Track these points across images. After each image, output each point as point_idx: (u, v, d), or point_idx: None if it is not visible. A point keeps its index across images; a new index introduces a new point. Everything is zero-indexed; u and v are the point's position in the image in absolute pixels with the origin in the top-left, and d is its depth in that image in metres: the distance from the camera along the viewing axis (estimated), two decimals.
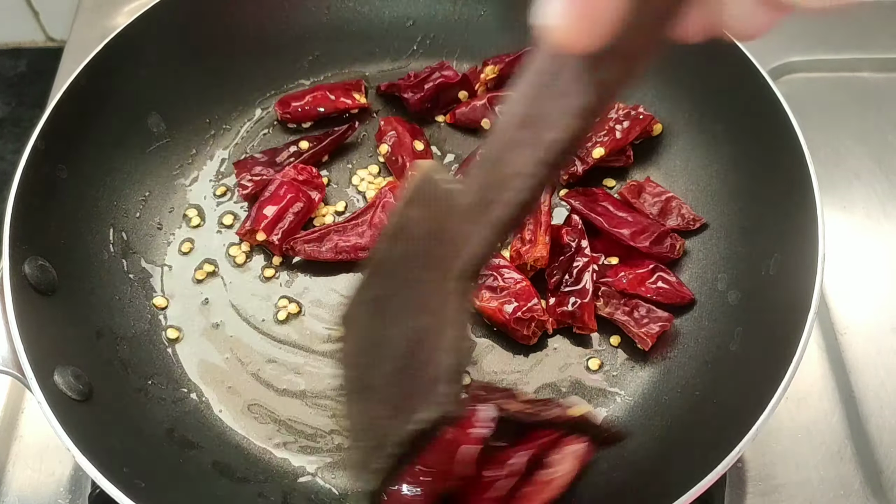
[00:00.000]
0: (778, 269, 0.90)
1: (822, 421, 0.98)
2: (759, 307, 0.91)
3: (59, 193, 0.96)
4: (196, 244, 1.06)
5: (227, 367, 0.98)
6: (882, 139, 1.18)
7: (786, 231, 0.90)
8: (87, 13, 1.38)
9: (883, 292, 1.06)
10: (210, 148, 1.13)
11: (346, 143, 1.13)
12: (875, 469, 0.95)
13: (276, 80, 1.17)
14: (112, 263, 1.01)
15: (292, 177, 1.04)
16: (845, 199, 1.13)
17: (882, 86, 1.23)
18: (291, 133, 1.14)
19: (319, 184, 1.06)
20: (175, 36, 1.08)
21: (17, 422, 1.00)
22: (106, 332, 0.95)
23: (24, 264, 0.87)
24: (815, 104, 1.21)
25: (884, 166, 1.15)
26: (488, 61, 1.14)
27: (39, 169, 0.93)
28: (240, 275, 1.04)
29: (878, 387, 0.99)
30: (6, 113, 1.52)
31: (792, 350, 0.78)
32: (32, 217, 0.91)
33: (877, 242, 1.10)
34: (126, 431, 0.88)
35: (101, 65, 1.00)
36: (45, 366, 0.82)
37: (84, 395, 0.85)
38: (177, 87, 1.10)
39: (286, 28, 1.16)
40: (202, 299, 1.02)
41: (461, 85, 1.13)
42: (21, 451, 0.98)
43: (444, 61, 1.14)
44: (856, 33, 1.27)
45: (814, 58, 1.25)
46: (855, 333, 1.03)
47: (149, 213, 1.07)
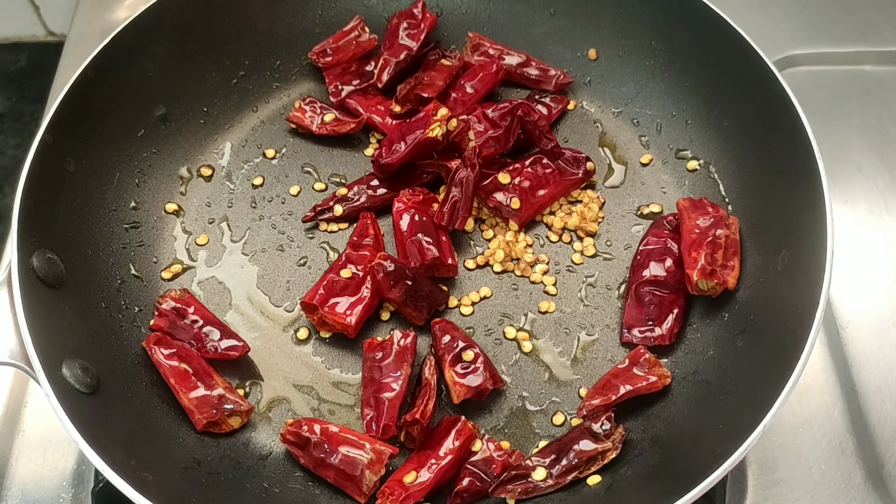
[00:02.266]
0: (786, 265, 0.90)
1: (824, 415, 0.98)
2: (767, 304, 0.91)
3: (67, 187, 0.96)
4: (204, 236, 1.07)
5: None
6: (884, 133, 1.18)
7: (794, 227, 0.90)
8: (88, 7, 1.38)
9: (885, 287, 1.06)
10: (217, 140, 1.13)
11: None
12: (876, 463, 0.95)
13: (282, 72, 1.17)
14: (119, 256, 1.01)
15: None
16: (847, 193, 1.13)
17: (884, 79, 1.23)
18: (293, 133, 1.15)
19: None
20: (181, 29, 1.08)
21: (21, 416, 1.00)
22: (113, 325, 0.95)
23: (33, 257, 0.87)
24: (817, 97, 1.20)
25: (886, 160, 1.15)
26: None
27: (47, 162, 0.93)
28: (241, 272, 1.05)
29: (879, 381, 1.00)
30: (7, 107, 1.52)
31: (800, 347, 0.79)
32: (40, 210, 0.91)
33: (879, 236, 1.10)
34: (134, 424, 0.88)
35: (108, 58, 1.00)
36: (53, 358, 0.82)
37: (92, 388, 0.85)
38: (183, 80, 1.10)
39: (292, 21, 1.16)
40: (210, 291, 1.03)
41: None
42: (24, 444, 0.98)
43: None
44: (859, 26, 1.27)
45: (816, 51, 1.25)
46: (857, 328, 1.03)
47: (156, 206, 1.07)
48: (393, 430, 0.90)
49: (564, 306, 1.01)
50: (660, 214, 1.06)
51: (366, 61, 1.16)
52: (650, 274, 0.98)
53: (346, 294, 0.97)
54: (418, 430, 0.89)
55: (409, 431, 0.90)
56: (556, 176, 1.05)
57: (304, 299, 0.97)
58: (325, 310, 0.96)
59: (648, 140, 1.11)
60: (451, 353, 0.94)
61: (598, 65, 1.15)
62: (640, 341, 0.96)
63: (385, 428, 0.89)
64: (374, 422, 0.90)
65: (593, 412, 0.91)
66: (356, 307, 0.96)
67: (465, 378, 0.92)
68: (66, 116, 0.95)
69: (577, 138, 1.13)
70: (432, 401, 0.90)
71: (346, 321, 0.95)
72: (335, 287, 0.97)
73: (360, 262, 0.99)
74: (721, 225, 0.96)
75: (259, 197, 1.09)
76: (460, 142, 1.05)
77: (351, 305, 0.96)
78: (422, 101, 1.09)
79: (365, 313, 0.97)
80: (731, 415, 0.83)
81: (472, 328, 0.99)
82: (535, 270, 1.02)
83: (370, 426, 0.90)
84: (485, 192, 1.02)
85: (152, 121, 1.08)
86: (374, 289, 0.97)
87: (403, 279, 0.95)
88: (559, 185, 1.05)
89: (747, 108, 1.00)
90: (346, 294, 0.97)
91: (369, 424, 0.90)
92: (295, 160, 1.12)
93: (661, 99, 1.10)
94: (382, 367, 0.92)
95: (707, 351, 0.94)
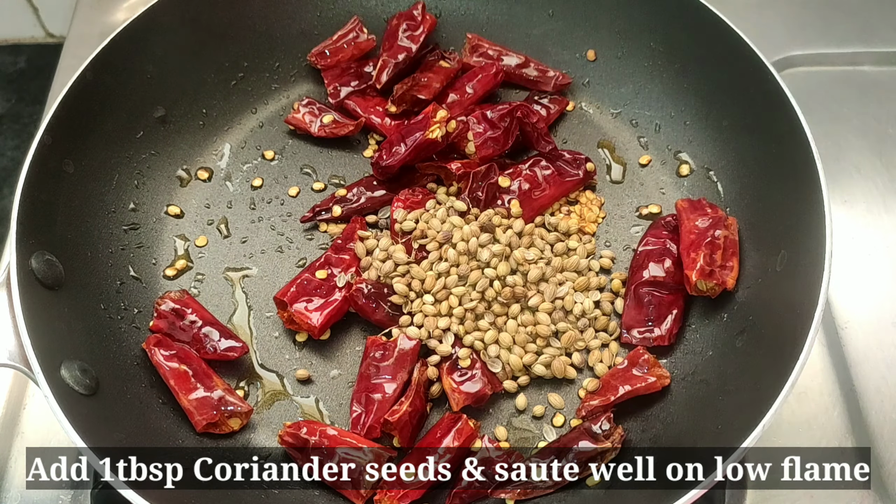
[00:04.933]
0: (785, 265, 0.90)
1: (823, 415, 0.98)
2: (766, 304, 0.91)
3: (66, 188, 0.96)
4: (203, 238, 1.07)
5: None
6: (883, 133, 1.18)
7: (792, 227, 0.90)
8: (87, 9, 1.38)
9: (884, 287, 1.06)
10: (216, 142, 1.13)
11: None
12: (876, 463, 0.95)
13: (281, 73, 1.17)
14: (118, 258, 1.01)
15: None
16: (846, 193, 1.13)
17: (883, 79, 1.23)
18: (292, 134, 1.15)
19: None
20: (180, 30, 1.08)
21: (20, 418, 1.00)
22: (112, 327, 0.95)
23: (32, 259, 0.87)
24: (815, 98, 1.20)
25: (884, 160, 1.15)
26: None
27: (46, 164, 0.93)
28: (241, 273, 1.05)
29: (878, 381, 1.00)
30: (6, 109, 1.52)
31: (799, 347, 0.79)
32: (39, 212, 0.91)
33: (878, 237, 1.10)
34: (133, 426, 0.88)
35: (107, 59, 1.00)
36: (52, 360, 0.82)
37: (91, 390, 0.85)
38: (182, 82, 1.10)
39: (290, 23, 1.16)
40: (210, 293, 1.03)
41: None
42: (23, 447, 0.97)
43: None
44: (857, 27, 1.27)
45: (815, 52, 1.25)
46: (856, 328, 1.03)
47: (155, 207, 1.07)
48: (377, 431, 0.90)
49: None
50: (659, 215, 1.06)
51: (364, 62, 1.16)
52: (649, 274, 0.98)
53: (317, 295, 0.97)
54: (396, 430, 0.90)
55: (390, 432, 0.90)
56: (555, 177, 1.05)
57: (277, 295, 0.98)
58: (292, 308, 0.96)
59: (647, 141, 1.11)
60: (448, 360, 0.94)
61: (596, 66, 1.15)
62: (640, 342, 0.96)
63: (370, 428, 0.89)
64: (361, 420, 0.91)
65: (592, 413, 0.91)
66: (324, 309, 0.96)
67: (464, 385, 0.92)
68: (65, 118, 0.95)
69: (576, 139, 1.13)
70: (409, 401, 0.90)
71: (311, 322, 0.95)
72: (308, 287, 0.97)
73: (339, 265, 0.99)
74: (720, 225, 0.96)
75: (258, 198, 1.09)
76: (459, 143, 1.05)
77: (320, 307, 0.96)
78: (418, 103, 1.09)
79: (332, 316, 0.97)
80: (731, 415, 0.83)
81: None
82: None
83: (356, 423, 0.90)
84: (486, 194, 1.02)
85: (151, 122, 1.08)
86: (357, 312, 0.97)
87: (383, 299, 0.95)
88: (559, 186, 1.05)
89: (746, 108, 1.00)
90: (317, 295, 0.97)
91: (355, 422, 0.91)
92: (294, 161, 1.12)
93: (659, 100, 1.10)
94: (381, 367, 0.92)
95: (706, 351, 0.94)
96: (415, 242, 0.99)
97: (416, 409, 0.91)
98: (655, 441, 0.89)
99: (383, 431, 0.90)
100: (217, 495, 0.86)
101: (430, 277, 0.95)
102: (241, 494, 0.88)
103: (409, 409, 0.89)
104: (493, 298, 0.95)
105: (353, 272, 0.99)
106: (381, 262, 0.98)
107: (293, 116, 1.13)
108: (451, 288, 0.95)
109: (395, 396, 0.91)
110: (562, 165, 1.05)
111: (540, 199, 1.04)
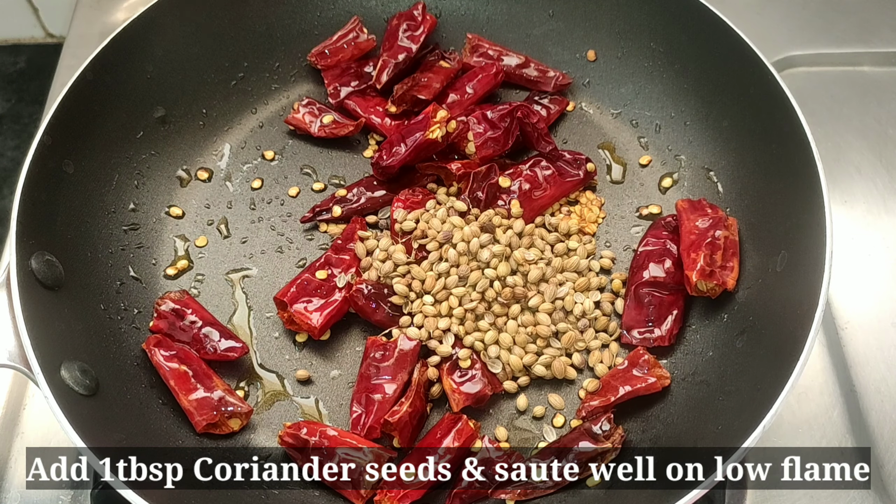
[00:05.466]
0: (785, 266, 0.90)
1: (823, 415, 0.98)
2: (766, 305, 0.91)
3: (66, 188, 0.96)
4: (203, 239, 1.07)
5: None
6: (883, 133, 1.18)
7: (793, 228, 0.90)
8: (87, 9, 1.38)
9: (884, 287, 1.06)
10: (216, 142, 1.13)
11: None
12: (876, 464, 0.95)
13: (281, 73, 1.17)
14: (118, 258, 1.01)
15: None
16: (846, 194, 1.13)
17: (883, 80, 1.23)
18: (292, 135, 1.15)
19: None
20: (180, 30, 1.08)
21: (20, 418, 1.00)
22: (112, 327, 0.95)
23: (31, 259, 0.87)
24: (816, 98, 1.20)
25: (885, 160, 1.15)
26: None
27: (46, 164, 0.93)
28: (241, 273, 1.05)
29: (878, 381, 0.99)
30: (6, 109, 1.52)
31: (799, 348, 0.79)
32: (39, 212, 0.91)
33: (878, 237, 1.10)
34: (133, 426, 0.88)
35: (107, 59, 1.00)
36: (52, 360, 0.82)
37: (91, 390, 0.85)
38: (182, 82, 1.10)
39: (290, 23, 1.16)
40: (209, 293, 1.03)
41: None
42: (23, 447, 0.97)
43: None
44: (857, 28, 1.27)
45: (815, 52, 1.25)
46: (856, 328, 1.03)
47: (155, 207, 1.07)
48: (377, 431, 0.90)
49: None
50: (659, 215, 1.06)
51: (364, 62, 1.16)
52: (649, 275, 0.98)
53: (317, 295, 0.97)
54: (396, 431, 0.89)
55: (390, 432, 0.90)
56: (556, 177, 1.05)
57: (277, 295, 0.98)
58: (292, 308, 0.96)
59: (647, 141, 1.11)
60: (448, 361, 0.94)
61: (596, 66, 1.15)
62: (640, 342, 0.96)
63: (370, 429, 0.89)
64: (361, 420, 0.91)
65: (593, 413, 0.91)
66: (324, 310, 0.96)
67: (464, 385, 0.92)
68: (64, 118, 0.95)
69: (576, 139, 1.13)
70: (409, 401, 0.90)
71: (312, 322, 0.95)
72: (308, 287, 0.97)
73: (339, 265, 0.99)
74: (720, 226, 0.96)
75: (258, 198, 1.09)
76: (459, 143, 1.05)
77: (320, 307, 0.96)
78: (418, 103, 1.09)
79: (333, 317, 0.97)
80: (731, 416, 0.84)
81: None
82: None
83: (356, 424, 0.90)
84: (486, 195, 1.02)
85: (151, 122, 1.08)
86: (357, 312, 0.97)
87: (384, 299, 0.95)
88: (559, 186, 1.05)
89: (746, 109, 1.00)
90: (317, 295, 0.97)
91: (355, 422, 0.91)
92: (294, 162, 1.12)
93: (659, 100, 1.10)
94: (381, 367, 0.92)
95: (706, 352, 0.94)
96: (415, 243, 0.99)
97: (417, 409, 0.91)
98: (656, 441, 0.89)
99: (383, 432, 0.90)
100: (217, 495, 0.86)
101: (430, 278, 0.95)
102: (241, 495, 0.87)
103: (409, 410, 0.89)
104: (494, 299, 0.95)
105: (353, 272, 0.99)
106: (381, 263, 0.98)
107: (293, 116, 1.13)
108: (452, 288, 0.95)
109: (395, 397, 0.91)
110: (562, 166, 1.05)
111: (540, 199, 1.04)
